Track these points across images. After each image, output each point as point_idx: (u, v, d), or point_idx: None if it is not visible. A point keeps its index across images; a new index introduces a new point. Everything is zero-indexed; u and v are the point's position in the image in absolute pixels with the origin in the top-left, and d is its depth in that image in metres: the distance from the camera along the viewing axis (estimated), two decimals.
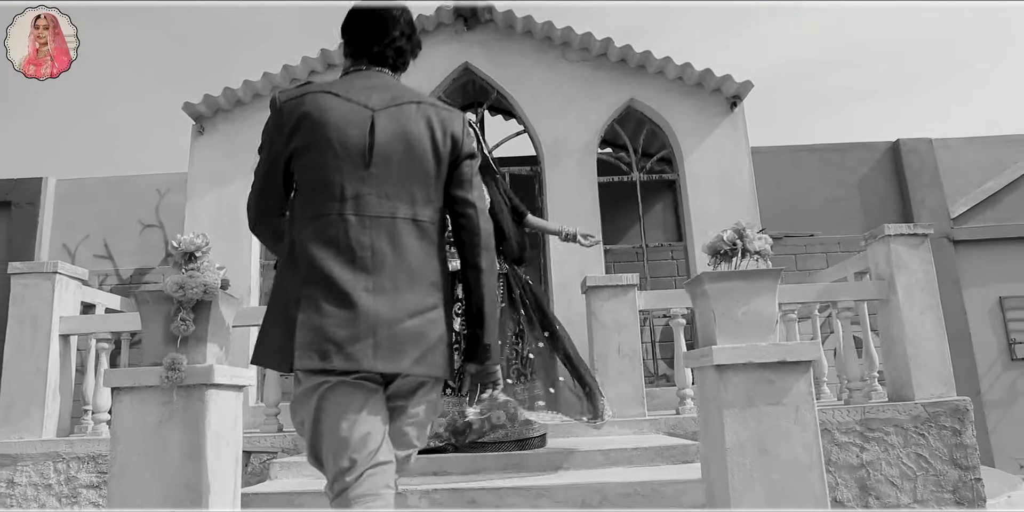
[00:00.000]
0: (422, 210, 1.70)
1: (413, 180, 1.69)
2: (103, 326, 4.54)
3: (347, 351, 1.55)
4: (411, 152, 1.69)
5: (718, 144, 5.76)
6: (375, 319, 1.58)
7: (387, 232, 1.64)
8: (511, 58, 5.91)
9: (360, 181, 1.65)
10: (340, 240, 1.62)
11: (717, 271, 2.40)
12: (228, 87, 5.66)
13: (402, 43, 1.82)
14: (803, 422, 2.19)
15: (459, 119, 1.78)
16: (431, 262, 1.69)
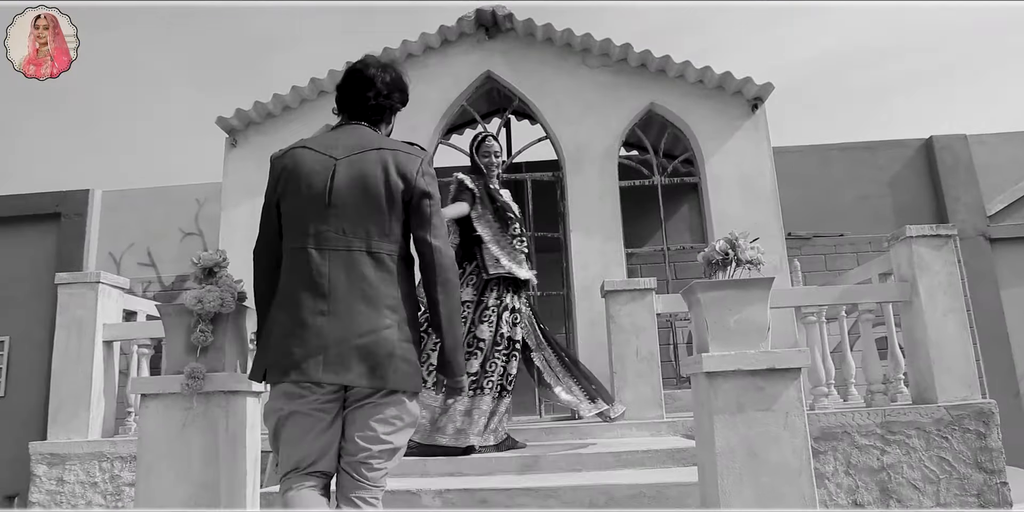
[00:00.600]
0: (378, 243, 1.93)
1: (368, 217, 1.93)
2: (143, 332, 4.79)
3: (301, 366, 1.83)
4: (366, 193, 1.93)
5: (739, 146, 5.76)
6: (327, 338, 1.85)
7: (343, 263, 1.91)
8: (532, 66, 6.00)
9: (322, 220, 1.93)
10: (304, 270, 1.91)
11: (709, 280, 2.46)
12: (258, 101, 5.88)
13: (380, 101, 2.09)
14: (793, 428, 2.24)
15: (415, 161, 1.99)
16: (388, 288, 1.91)
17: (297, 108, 6.04)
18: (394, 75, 2.14)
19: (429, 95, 6.00)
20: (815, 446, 4.27)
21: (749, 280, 2.41)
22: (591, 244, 5.59)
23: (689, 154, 6.01)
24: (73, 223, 7.49)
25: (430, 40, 5.98)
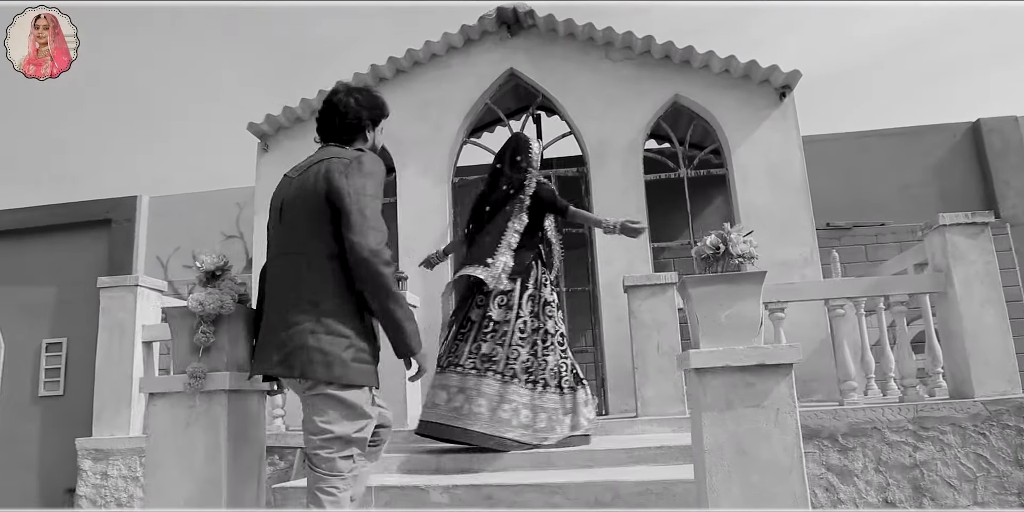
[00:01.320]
0: (313, 245, 2.14)
1: (306, 223, 2.17)
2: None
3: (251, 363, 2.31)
4: (305, 203, 2.17)
5: (767, 136, 5.63)
6: (263, 337, 2.22)
7: (286, 268, 2.20)
8: (555, 62, 5.99)
9: (278, 233, 2.27)
10: (267, 279, 2.30)
11: (699, 275, 2.43)
12: (287, 106, 6.03)
13: (348, 121, 2.33)
14: (783, 425, 2.20)
15: (343, 164, 2.13)
16: (313, 284, 2.12)
17: None
18: (360, 96, 2.37)
19: (453, 95, 6.05)
20: (843, 442, 4.17)
21: (740, 274, 2.38)
22: (615, 240, 5.51)
23: (716, 145, 5.91)
24: (122, 229, 7.83)
25: (453, 40, 6.03)
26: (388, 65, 6.03)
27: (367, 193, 2.12)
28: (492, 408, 3.48)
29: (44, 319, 7.51)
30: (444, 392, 3.56)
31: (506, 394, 3.51)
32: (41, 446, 6.95)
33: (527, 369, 3.59)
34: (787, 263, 5.37)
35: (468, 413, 3.49)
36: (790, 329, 5.06)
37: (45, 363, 7.33)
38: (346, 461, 2.08)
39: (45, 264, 7.75)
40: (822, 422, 4.19)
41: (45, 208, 7.93)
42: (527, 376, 3.58)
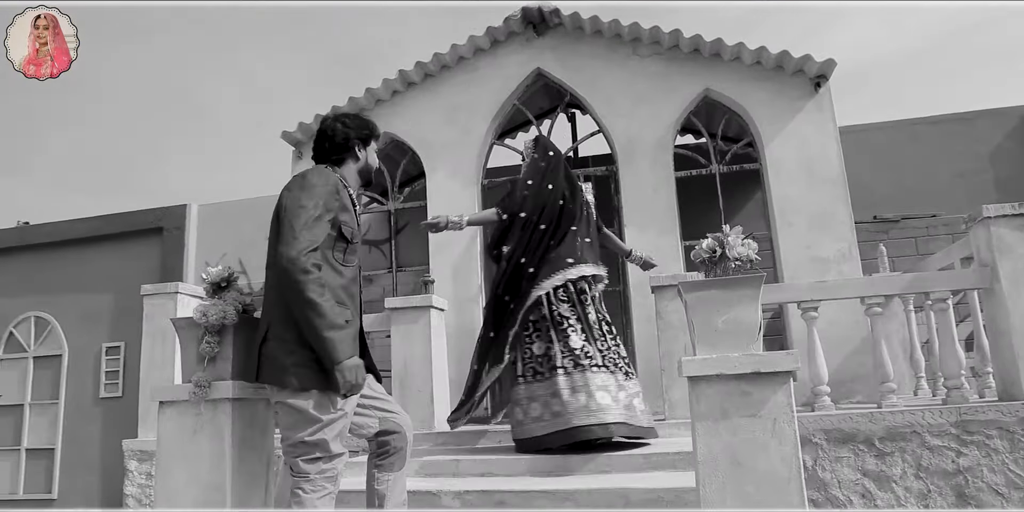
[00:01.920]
0: (271, 260, 2.31)
1: (272, 238, 2.32)
2: None
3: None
4: (273, 219, 2.34)
5: (801, 128, 5.44)
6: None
7: (266, 279, 2.38)
8: (582, 60, 5.92)
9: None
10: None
11: (694, 280, 2.36)
12: (318, 113, 6.14)
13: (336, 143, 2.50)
14: (781, 435, 2.12)
15: (291, 180, 2.33)
16: (272, 296, 2.30)
17: None
18: (348, 120, 2.56)
19: (481, 97, 6.06)
20: (880, 446, 4.00)
21: (737, 278, 2.30)
22: (646, 238, 5.46)
23: (749, 139, 5.75)
24: (173, 236, 8.13)
25: (479, 42, 6.03)
26: (416, 70, 6.07)
27: (300, 205, 2.23)
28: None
29: (103, 324, 7.86)
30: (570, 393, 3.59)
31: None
32: (102, 447, 7.28)
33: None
34: (824, 260, 5.18)
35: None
36: (827, 328, 4.89)
37: (105, 366, 7.68)
38: (310, 464, 2.17)
39: (103, 271, 8.10)
40: (857, 426, 4.03)
41: (101, 218, 8.30)
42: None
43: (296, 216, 2.20)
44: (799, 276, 5.13)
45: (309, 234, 2.19)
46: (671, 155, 5.64)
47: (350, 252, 2.37)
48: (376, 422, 2.51)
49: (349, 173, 2.52)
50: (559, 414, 3.53)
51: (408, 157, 6.26)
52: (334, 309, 2.18)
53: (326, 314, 2.13)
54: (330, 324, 2.14)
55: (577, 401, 3.53)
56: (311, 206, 2.22)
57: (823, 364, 4.30)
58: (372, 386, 2.53)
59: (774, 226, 5.37)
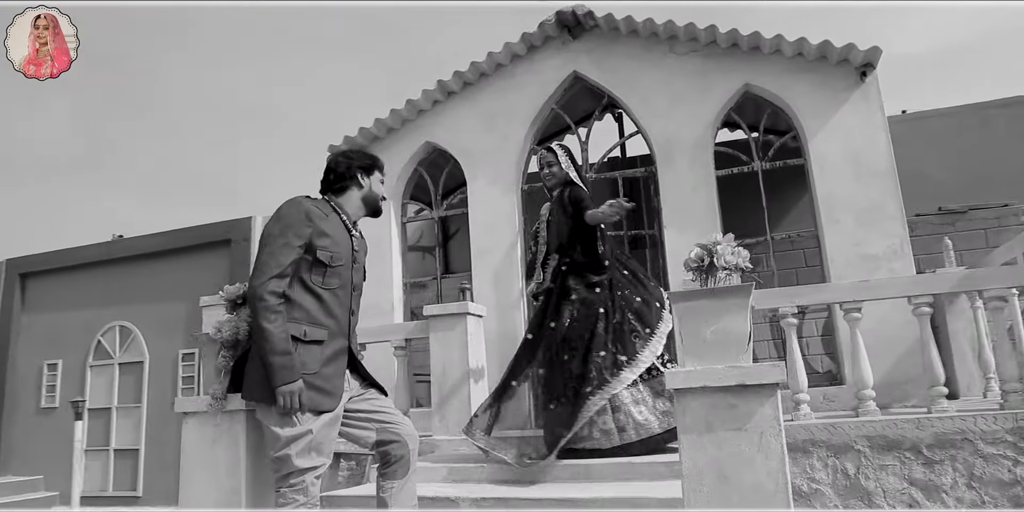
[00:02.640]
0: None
1: None
2: None
3: None
4: None
5: (847, 120, 5.22)
6: None
7: None
8: (618, 61, 5.88)
9: None
10: None
11: (682, 291, 2.34)
12: (363, 127, 6.33)
13: (338, 174, 2.65)
14: (767, 449, 2.08)
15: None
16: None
17: (399, 129, 6.42)
18: (351, 152, 2.72)
19: (518, 103, 6.10)
20: (928, 454, 3.81)
21: (726, 288, 2.26)
22: (685, 240, 5.36)
23: (793, 134, 5.56)
24: (240, 248, 8.54)
25: (515, 48, 6.07)
26: (454, 79, 6.17)
27: (269, 233, 2.40)
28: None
29: (179, 332, 8.34)
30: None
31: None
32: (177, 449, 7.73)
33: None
34: (873, 257, 4.96)
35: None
36: (878, 327, 4.71)
37: (181, 372, 8.15)
38: (280, 479, 2.33)
39: (179, 282, 8.61)
40: (903, 432, 3.85)
41: (176, 232, 8.82)
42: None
43: (264, 245, 2.38)
44: (847, 275, 4.94)
45: (274, 261, 2.34)
46: (711, 154, 5.52)
47: (331, 275, 2.47)
48: (373, 434, 2.59)
49: (351, 201, 2.65)
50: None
51: (451, 165, 6.37)
52: (282, 336, 2.30)
53: (271, 340, 2.28)
54: (273, 350, 2.28)
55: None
56: (279, 234, 2.37)
57: (867, 367, 4.12)
58: (369, 399, 2.63)
59: (820, 223, 5.18)
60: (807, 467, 4.00)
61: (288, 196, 2.57)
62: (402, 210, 6.46)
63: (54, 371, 8.85)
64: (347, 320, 2.58)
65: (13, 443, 8.79)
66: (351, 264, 2.59)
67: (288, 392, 2.28)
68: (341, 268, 2.53)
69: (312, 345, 2.42)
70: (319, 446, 2.40)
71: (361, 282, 2.71)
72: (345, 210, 2.63)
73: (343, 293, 2.56)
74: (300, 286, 2.41)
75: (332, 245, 2.48)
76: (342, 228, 2.58)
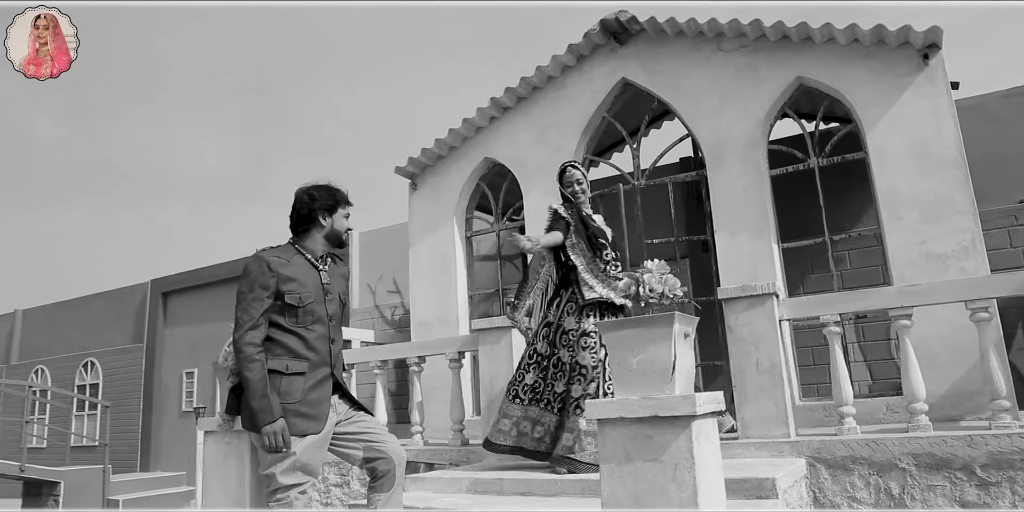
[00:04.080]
0: None
1: None
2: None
3: None
4: None
5: (909, 108, 4.82)
6: None
7: None
8: (666, 64, 5.78)
9: None
10: None
11: (610, 320, 2.36)
12: (425, 147, 6.64)
13: (301, 215, 2.81)
14: (681, 481, 2.07)
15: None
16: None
17: (460, 146, 6.67)
18: (314, 191, 2.83)
19: (570, 113, 6.15)
20: (983, 475, 3.51)
21: (649, 318, 2.26)
22: (737, 244, 5.21)
23: (851, 127, 5.21)
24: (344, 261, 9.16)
25: (564, 60, 6.13)
26: (507, 95, 6.32)
27: (240, 291, 2.65)
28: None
29: None
30: None
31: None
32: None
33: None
34: (940, 256, 4.57)
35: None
36: (951, 332, 4.37)
37: None
38: (269, 495, 2.59)
39: None
40: (953, 450, 3.57)
41: None
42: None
43: (238, 302, 2.65)
44: (911, 276, 4.58)
45: (247, 316, 2.62)
46: (763, 152, 5.30)
47: (304, 314, 2.72)
48: (361, 452, 2.82)
49: (315, 240, 2.85)
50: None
51: (509, 179, 6.53)
52: (260, 383, 2.57)
53: (250, 387, 2.55)
54: (253, 395, 2.55)
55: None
56: (248, 290, 2.64)
57: (918, 379, 3.85)
58: (357, 422, 2.86)
59: (881, 221, 4.84)
60: (847, 485, 3.79)
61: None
62: (466, 225, 6.70)
63: (191, 378, 9.94)
64: (327, 350, 2.82)
65: (160, 443, 9.98)
66: (323, 298, 2.82)
67: (271, 433, 2.55)
68: (312, 305, 2.76)
69: (295, 377, 2.68)
70: (304, 466, 2.66)
71: (339, 311, 2.93)
72: (310, 249, 2.86)
73: (320, 327, 2.80)
74: (278, 328, 2.69)
75: (298, 287, 2.72)
76: (308, 267, 2.81)
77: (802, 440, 3.93)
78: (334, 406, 2.82)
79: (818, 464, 3.87)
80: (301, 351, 2.69)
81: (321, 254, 2.89)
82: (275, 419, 2.56)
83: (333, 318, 2.85)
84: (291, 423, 2.60)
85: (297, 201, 2.83)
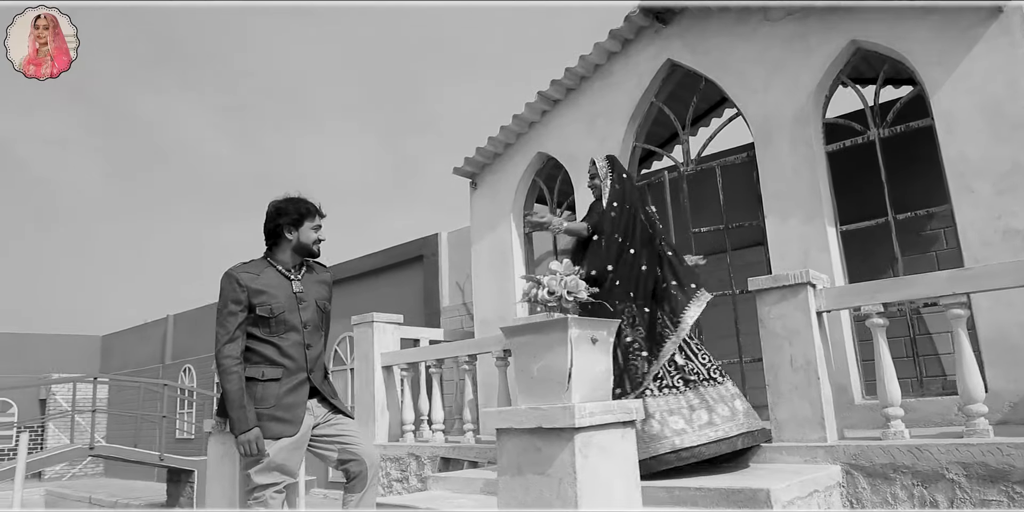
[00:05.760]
0: None
1: None
2: (400, 359, 5.99)
3: None
4: None
5: (979, 64, 4.19)
6: None
7: None
8: (711, 40, 5.42)
9: None
10: None
11: (512, 325, 2.27)
12: (479, 146, 6.67)
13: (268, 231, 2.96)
14: (564, 497, 1.97)
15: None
16: None
17: (515, 143, 6.64)
18: (283, 206, 2.93)
19: (617, 101, 5.94)
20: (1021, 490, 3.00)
21: (545, 322, 2.16)
22: (787, 228, 4.79)
23: (916, 91, 4.61)
24: (431, 262, 9.45)
25: (608, 45, 5.92)
26: (554, 88, 6.21)
27: (217, 308, 2.80)
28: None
29: None
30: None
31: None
32: None
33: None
34: (1019, 232, 3.94)
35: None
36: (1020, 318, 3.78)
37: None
38: (246, 493, 2.75)
39: (387, 296, 9.80)
40: (1010, 460, 3.10)
41: (381, 252, 10.05)
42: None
43: (216, 318, 2.83)
44: (987, 257, 4.00)
45: (223, 330, 2.79)
46: (815, 127, 4.83)
47: (277, 323, 2.86)
48: (335, 454, 2.94)
49: (284, 252, 2.99)
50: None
51: (564, 172, 6.41)
52: (238, 394, 2.74)
53: (228, 397, 2.73)
54: (231, 405, 2.71)
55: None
56: (222, 306, 2.81)
57: (975, 377, 3.37)
58: (335, 425, 2.97)
59: (951, 194, 4.25)
60: (888, 496, 3.39)
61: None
62: (524, 222, 6.66)
63: None
64: (303, 356, 2.94)
65: None
66: (296, 306, 2.94)
67: (246, 441, 2.73)
68: (285, 314, 2.90)
69: (269, 383, 2.84)
70: (279, 466, 2.81)
71: (316, 317, 3.03)
72: (281, 261, 2.99)
73: (294, 334, 2.93)
74: (254, 338, 2.86)
75: (269, 299, 2.86)
76: (279, 278, 2.95)
77: (838, 445, 3.56)
78: (311, 409, 2.95)
79: (855, 472, 3.49)
80: (276, 358, 2.84)
81: (294, 265, 3.02)
82: (250, 428, 2.73)
83: (308, 325, 2.96)
84: (266, 427, 2.76)
85: (267, 215, 2.95)
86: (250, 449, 2.68)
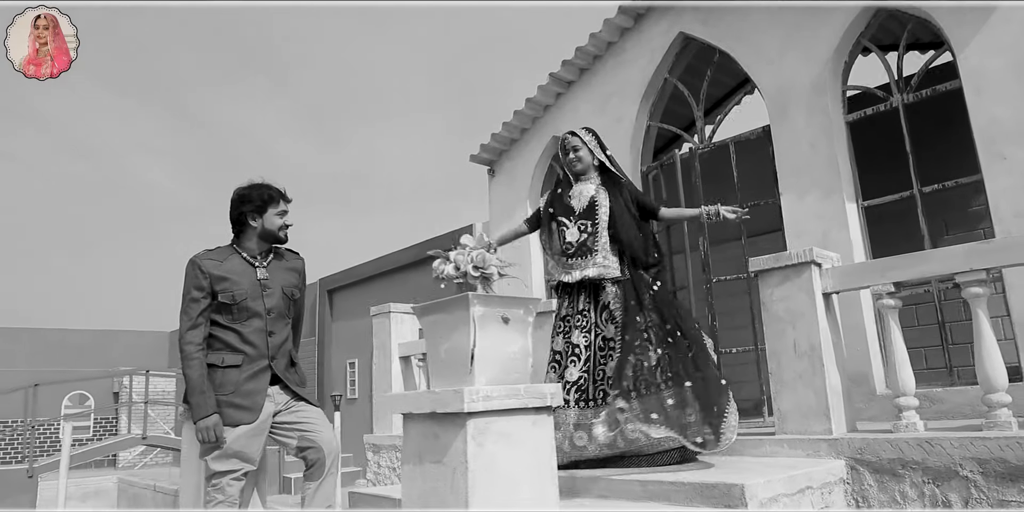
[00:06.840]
0: None
1: None
2: (418, 349, 5.91)
3: None
4: None
5: (1010, 17, 3.76)
6: None
7: None
8: (723, 10, 5.09)
9: None
10: None
11: (422, 304, 2.13)
12: (495, 133, 6.52)
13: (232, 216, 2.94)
14: (456, 489, 1.82)
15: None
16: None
17: (531, 127, 6.46)
18: (246, 193, 2.89)
19: (630, 78, 5.68)
20: None
21: (449, 300, 2.01)
22: (804, 206, 4.45)
23: (943, 51, 4.18)
24: None
25: (619, 21, 5.67)
26: (566, 68, 6.00)
27: (182, 295, 2.78)
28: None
29: None
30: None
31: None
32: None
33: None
34: None
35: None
36: None
37: None
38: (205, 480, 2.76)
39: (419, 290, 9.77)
40: None
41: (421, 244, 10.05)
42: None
43: (181, 305, 2.81)
44: (1022, 228, 3.59)
45: (186, 316, 2.78)
46: (834, 96, 4.46)
47: (239, 310, 2.82)
48: (295, 441, 2.88)
49: (250, 239, 2.94)
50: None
51: None
52: (198, 380, 2.72)
53: (189, 383, 2.72)
54: (192, 391, 2.70)
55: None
56: (186, 293, 2.80)
57: (996, 362, 3.03)
58: (296, 412, 2.91)
59: (981, 162, 3.83)
60: (897, 494, 3.06)
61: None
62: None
63: (353, 368, 10.79)
64: (264, 343, 2.89)
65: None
66: (260, 293, 2.89)
67: (204, 428, 2.71)
68: (247, 301, 2.86)
69: (230, 369, 2.81)
70: (238, 453, 2.77)
71: (281, 304, 2.97)
72: (247, 248, 2.95)
73: (257, 321, 2.88)
74: (217, 325, 2.83)
75: (231, 286, 2.83)
76: (244, 265, 2.91)
77: (842, 438, 3.25)
78: (272, 397, 2.89)
79: (861, 467, 3.18)
80: (237, 345, 2.80)
81: (260, 251, 2.97)
82: (209, 414, 2.70)
83: (272, 312, 2.91)
84: (225, 414, 2.73)
85: (231, 203, 2.92)
86: (208, 436, 2.66)
